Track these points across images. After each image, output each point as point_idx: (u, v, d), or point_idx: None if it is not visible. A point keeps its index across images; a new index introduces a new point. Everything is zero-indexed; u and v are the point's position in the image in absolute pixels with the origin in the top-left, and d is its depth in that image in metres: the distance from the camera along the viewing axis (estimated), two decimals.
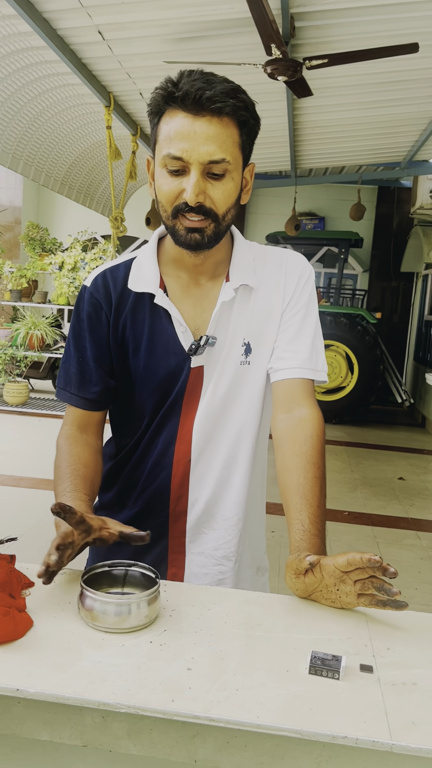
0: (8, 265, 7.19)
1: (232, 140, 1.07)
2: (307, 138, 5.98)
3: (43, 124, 5.05)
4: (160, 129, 1.08)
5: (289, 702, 0.72)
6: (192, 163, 1.05)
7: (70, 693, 0.71)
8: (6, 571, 0.88)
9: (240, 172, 1.12)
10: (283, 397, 1.22)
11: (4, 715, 0.74)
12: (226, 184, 1.08)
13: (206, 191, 1.07)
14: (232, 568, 1.29)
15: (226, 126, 1.05)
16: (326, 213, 10.23)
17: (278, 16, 3.41)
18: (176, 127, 1.04)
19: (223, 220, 1.11)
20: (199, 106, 1.03)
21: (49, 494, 4.68)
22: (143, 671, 0.76)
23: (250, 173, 1.17)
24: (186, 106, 1.03)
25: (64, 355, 1.27)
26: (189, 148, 1.04)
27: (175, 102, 1.04)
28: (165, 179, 1.09)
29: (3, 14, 3.40)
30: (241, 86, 1.09)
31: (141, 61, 4.08)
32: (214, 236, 1.12)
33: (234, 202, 1.12)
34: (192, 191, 1.05)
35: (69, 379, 1.24)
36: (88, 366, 1.22)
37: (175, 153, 1.05)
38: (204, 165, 1.05)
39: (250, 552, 1.34)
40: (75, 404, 1.24)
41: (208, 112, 1.03)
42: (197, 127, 1.03)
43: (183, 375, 1.20)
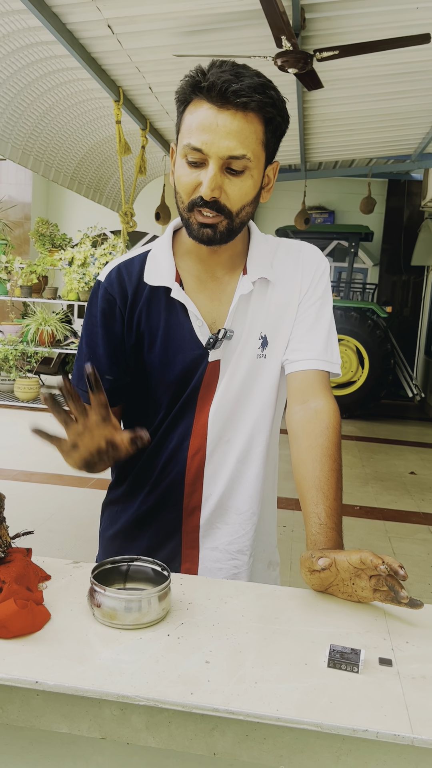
0: (18, 261, 7.21)
1: (256, 136, 1.05)
2: (317, 131, 5.95)
3: (53, 120, 5.04)
4: (184, 118, 1.07)
5: (309, 695, 0.71)
6: (211, 157, 1.03)
7: (88, 685, 0.71)
8: (23, 564, 0.89)
9: (261, 170, 1.10)
10: (298, 388, 1.21)
11: (23, 707, 0.74)
12: (245, 181, 1.07)
13: (223, 186, 1.06)
14: (247, 563, 1.29)
15: (251, 122, 1.03)
16: (336, 207, 10.19)
17: (288, 8, 3.39)
18: (199, 118, 1.03)
19: (236, 217, 1.10)
20: (224, 98, 1.01)
21: (60, 489, 4.69)
22: (161, 664, 0.76)
23: (274, 171, 1.15)
24: (211, 97, 1.01)
25: (78, 351, 1.26)
26: (210, 140, 1.02)
27: (201, 92, 1.02)
28: (184, 170, 1.07)
29: (12, 9, 3.40)
30: (271, 81, 1.06)
31: (150, 54, 4.06)
32: (226, 233, 1.10)
33: (251, 200, 1.10)
34: (208, 185, 1.04)
35: (81, 376, 1.23)
36: (100, 363, 1.21)
37: (195, 144, 1.03)
38: (223, 159, 1.03)
39: (263, 546, 1.34)
40: (85, 400, 1.23)
41: (232, 105, 1.01)
42: (220, 120, 1.02)
43: (200, 369, 1.19)
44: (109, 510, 1.34)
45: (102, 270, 1.25)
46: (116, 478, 1.33)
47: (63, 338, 7.36)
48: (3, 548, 0.89)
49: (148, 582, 0.92)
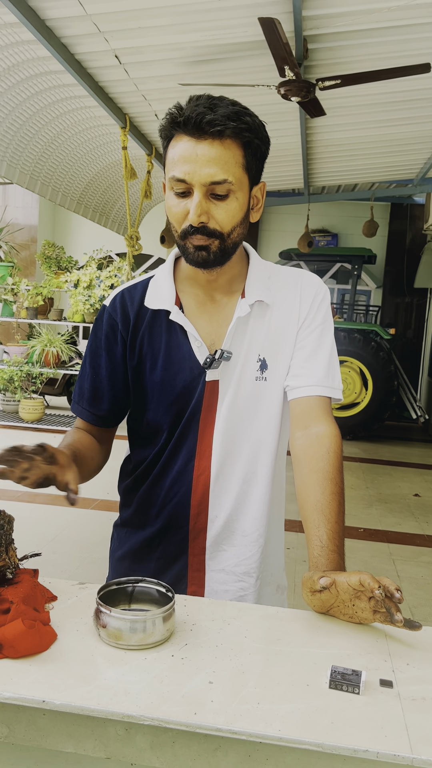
0: (25, 283, 7.28)
1: (235, 161, 1.09)
2: (320, 156, 6.04)
3: (61, 145, 5.14)
4: (168, 152, 1.13)
5: (310, 716, 0.73)
6: (194, 185, 1.08)
7: (94, 705, 0.73)
8: (30, 585, 0.90)
9: (245, 192, 1.14)
10: (300, 414, 1.23)
11: (30, 727, 0.76)
12: (230, 204, 1.11)
13: (210, 212, 1.10)
14: (254, 585, 1.29)
15: (228, 147, 1.08)
16: (339, 230, 10.28)
17: (291, 38, 3.47)
18: (180, 151, 1.09)
19: (228, 238, 1.14)
20: (200, 129, 1.06)
21: (64, 510, 4.69)
22: (165, 684, 0.77)
23: (261, 192, 1.19)
24: (188, 130, 1.07)
25: (80, 370, 1.32)
26: (191, 170, 1.07)
27: (179, 127, 1.08)
28: (173, 201, 1.13)
29: (23, 39, 3.49)
30: (247, 108, 1.12)
31: (156, 83, 4.16)
32: (220, 253, 1.14)
33: (240, 220, 1.15)
34: (194, 212, 1.09)
35: (82, 394, 1.30)
36: (101, 384, 1.27)
37: (178, 175, 1.09)
38: (206, 186, 1.08)
39: (270, 569, 1.35)
40: (85, 419, 1.29)
41: (209, 135, 1.07)
42: (199, 150, 1.07)
43: (198, 389, 1.22)
44: (118, 532, 1.36)
45: (108, 295, 1.29)
46: (124, 500, 1.35)
47: (68, 359, 7.41)
48: (11, 569, 0.91)
49: (152, 603, 0.93)
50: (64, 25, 3.32)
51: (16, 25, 3.30)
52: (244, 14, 3.21)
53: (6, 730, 0.77)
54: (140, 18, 3.26)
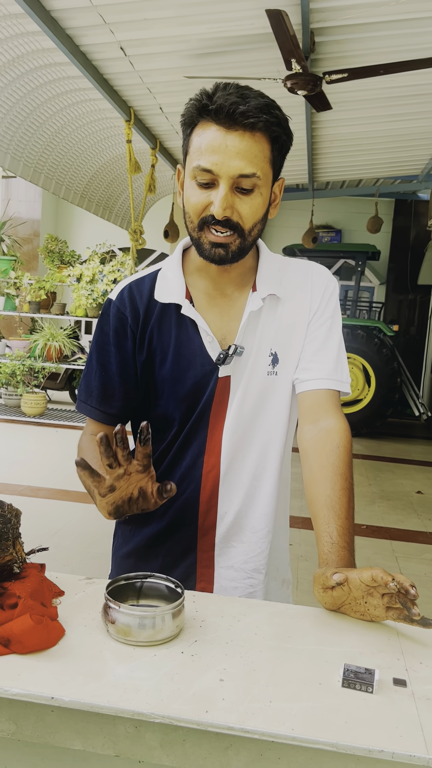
0: (27, 277, 7.27)
1: (263, 155, 1.07)
2: (325, 151, 6.01)
3: (65, 139, 5.12)
4: (192, 140, 1.09)
5: (324, 715, 0.71)
6: (222, 177, 1.05)
7: (104, 702, 0.71)
8: (38, 579, 0.89)
9: (269, 188, 1.12)
10: (309, 408, 1.21)
11: (38, 723, 0.75)
12: (255, 199, 1.09)
13: (234, 205, 1.07)
14: (263, 581, 1.28)
15: (258, 141, 1.06)
16: (343, 226, 10.25)
17: (298, 31, 3.44)
18: (208, 140, 1.05)
19: (249, 236, 1.11)
20: (232, 120, 1.03)
21: (67, 504, 4.68)
22: (176, 682, 0.76)
23: (280, 188, 1.17)
24: (219, 119, 1.04)
25: (85, 368, 1.27)
26: (219, 161, 1.04)
27: (208, 114, 1.05)
28: (194, 191, 1.09)
29: (27, 30, 3.46)
30: (275, 102, 1.09)
31: (161, 76, 4.13)
32: (238, 251, 1.12)
33: (261, 217, 1.12)
34: (220, 205, 1.05)
35: (90, 393, 1.24)
36: (111, 381, 1.22)
37: (205, 165, 1.05)
38: (233, 179, 1.05)
39: (276, 564, 1.33)
40: (96, 418, 1.24)
41: (240, 126, 1.03)
42: (229, 141, 1.04)
43: (210, 385, 1.20)
44: (122, 529, 1.34)
45: (113, 289, 1.26)
46: None
47: (70, 354, 7.40)
48: (18, 564, 0.90)
49: (161, 599, 0.92)
50: (70, 16, 3.29)
51: (21, 16, 3.27)
52: (251, 6, 3.19)
53: (13, 727, 0.75)
54: (146, 9, 3.23)
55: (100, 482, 0.96)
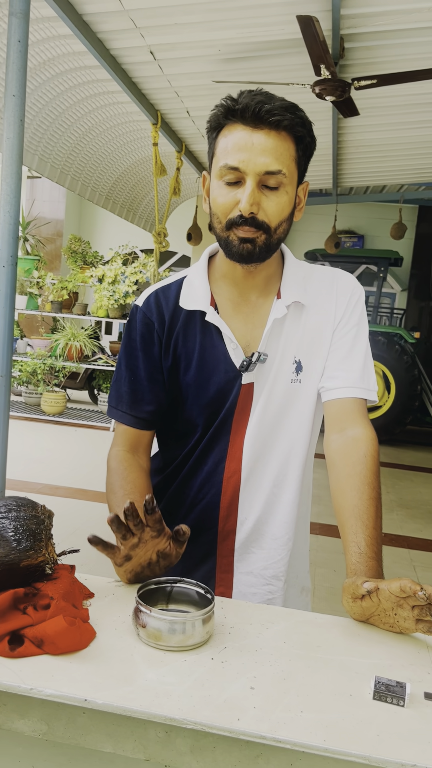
0: (50, 276, 7.33)
1: (289, 154, 1.09)
2: (351, 157, 5.99)
3: (92, 141, 5.16)
4: (218, 142, 1.11)
5: (355, 727, 0.71)
6: (248, 174, 1.07)
7: (137, 706, 0.72)
8: (69, 581, 0.90)
9: (294, 187, 1.13)
10: (335, 416, 1.21)
11: (69, 725, 0.75)
12: (280, 197, 1.10)
13: (260, 203, 1.09)
14: (282, 588, 1.28)
15: (284, 140, 1.08)
16: (365, 231, 10.21)
17: (328, 37, 3.44)
18: (234, 139, 1.07)
19: (275, 233, 1.12)
20: (258, 118, 1.05)
21: (84, 504, 4.69)
22: (207, 688, 0.76)
23: (304, 191, 1.18)
24: (245, 119, 1.06)
25: (115, 375, 1.28)
26: (246, 158, 1.06)
27: (234, 116, 1.08)
28: (221, 191, 1.11)
29: (59, 34, 3.50)
30: (298, 106, 1.11)
31: (189, 80, 4.15)
32: (265, 248, 1.13)
33: (287, 216, 1.13)
34: (246, 200, 1.07)
35: (121, 398, 1.25)
36: (141, 385, 1.23)
37: (231, 163, 1.07)
38: (260, 176, 1.07)
39: (296, 572, 1.34)
40: (127, 423, 1.25)
41: (266, 125, 1.06)
42: (255, 139, 1.06)
43: (233, 392, 1.20)
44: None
45: (139, 296, 1.28)
46: None
47: (91, 354, 7.44)
48: (50, 565, 0.91)
49: (190, 604, 0.93)
50: (101, 20, 3.32)
51: (53, 20, 3.31)
52: (281, 12, 3.19)
53: (45, 727, 0.76)
54: (177, 14, 3.25)
55: (114, 553, 0.95)
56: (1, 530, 0.85)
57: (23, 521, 0.87)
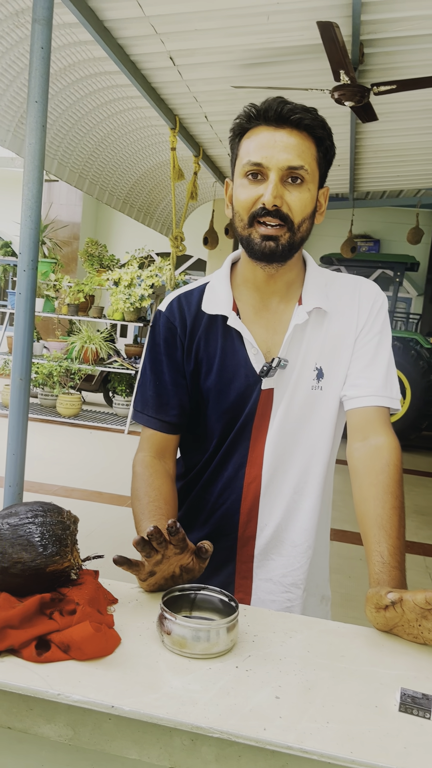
0: (67, 279, 7.38)
1: (310, 152, 1.12)
2: (368, 161, 5.98)
3: (110, 145, 5.19)
4: (242, 145, 1.14)
5: (382, 739, 0.71)
6: (271, 169, 1.10)
7: (163, 714, 0.72)
8: (94, 586, 0.90)
9: (316, 186, 1.15)
10: (358, 424, 1.21)
11: (95, 730, 0.76)
12: (303, 193, 1.12)
13: (284, 197, 1.11)
14: (301, 596, 1.28)
15: (305, 139, 1.11)
16: (381, 236, 10.17)
17: (348, 42, 3.44)
18: (257, 139, 1.11)
19: (298, 230, 1.13)
20: (281, 117, 1.09)
21: (100, 506, 4.70)
22: (232, 696, 0.76)
23: (324, 196, 1.20)
24: (268, 119, 1.10)
25: (140, 379, 1.29)
26: (269, 154, 1.09)
27: (257, 119, 1.12)
28: (244, 188, 1.13)
29: (80, 40, 3.53)
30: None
31: (208, 85, 4.16)
32: (288, 246, 1.13)
33: (309, 213, 1.15)
34: (270, 192, 1.09)
35: (146, 402, 1.26)
36: (165, 389, 1.24)
37: (255, 159, 1.10)
38: (283, 171, 1.10)
39: (316, 580, 1.33)
40: (153, 427, 1.26)
41: (288, 124, 1.10)
42: (278, 137, 1.10)
43: (253, 397, 1.21)
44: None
45: (163, 301, 1.29)
46: None
47: (106, 356, 7.47)
48: (75, 570, 0.91)
49: (214, 611, 0.93)
50: (122, 26, 3.34)
51: (74, 26, 3.34)
52: (301, 18, 3.19)
53: (71, 733, 0.77)
54: (197, 20, 3.26)
55: (139, 570, 0.95)
56: (28, 535, 0.86)
57: (49, 526, 0.88)
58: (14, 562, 0.85)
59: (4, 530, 0.86)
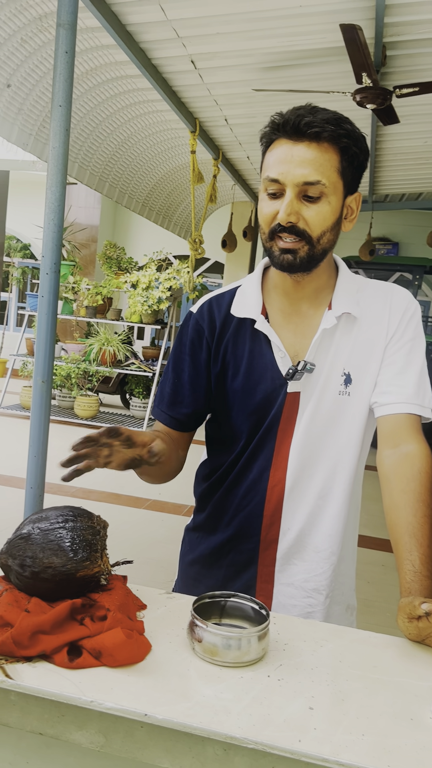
0: (85, 282, 7.41)
1: (331, 164, 1.10)
2: (388, 164, 5.94)
3: (130, 148, 5.21)
4: (266, 157, 1.15)
5: (419, 753, 0.70)
6: (287, 185, 1.10)
7: (196, 723, 0.71)
8: (124, 592, 0.90)
9: (339, 198, 1.14)
10: (388, 432, 1.20)
11: (127, 738, 0.75)
12: (321, 207, 1.11)
13: (300, 212, 1.11)
14: (323, 603, 1.27)
15: (326, 151, 1.10)
16: (400, 238, 10.09)
17: (371, 45, 3.42)
18: (277, 153, 1.11)
19: (318, 244, 1.13)
20: (299, 131, 1.09)
21: (117, 508, 4.71)
22: (265, 707, 0.76)
23: (357, 202, 1.19)
24: (287, 132, 1.10)
25: (163, 376, 1.33)
26: (285, 170, 1.09)
27: (279, 131, 1.11)
28: (265, 202, 1.14)
29: (102, 44, 3.54)
30: (349, 119, 1.13)
31: (228, 88, 4.16)
32: (307, 258, 1.14)
33: (330, 226, 1.14)
34: (284, 211, 1.10)
35: (162, 398, 1.30)
36: (182, 388, 1.27)
37: (272, 176, 1.11)
38: (299, 187, 1.09)
39: (341, 588, 1.32)
40: (163, 421, 1.29)
41: (306, 137, 1.09)
42: (295, 152, 1.09)
43: (279, 399, 1.21)
44: (190, 536, 1.37)
45: (196, 303, 1.31)
46: (198, 504, 1.35)
47: (124, 359, 7.50)
48: (105, 576, 0.91)
49: (244, 619, 0.92)
50: (144, 30, 3.35)
51: (97, 30, 3.35)
52: (323, 20, 3.18)
53: (102, 740, 0.76)
54: (219, 23, 3.26)
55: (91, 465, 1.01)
56: (58, 540, 0.86)
57: (80, 531, 0.88)
58: (45, 566, 0.85)
59: (35, 535, 0.86)
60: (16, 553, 0.87)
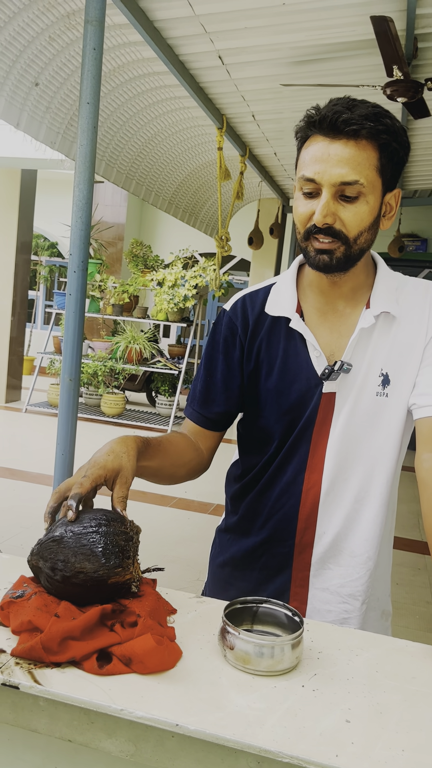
0: (112, 280, 7.44)
1: (369, 163, 1.06)
2: (418, 159, 5.85)
3: (157, 146, 5.20)
4: (301, 154, 1.11)
5: None
6: (324, 185, 1.06)
7: (230, 734, 0.69)
8: (154, 598, 0.88)
9: (377, 196, 1.10)
10: (427, 435, 1.16)
11: (158, 747, 0.73)
12: (359, 207, 1.07)
13: (337, 213, 1.07)
14: (359, 608, 1.24)
15: (363, 149, 1.05)
16: (429, 235, 9.95)
17: (402, 37, 3.36)
18: (313, 151, 1.07)
19: (354, 244, 1.09)
20: (335, 129, 1.04)
21: (144, 506, 4.71)
22: (300, 719, 0.73)
23: (396, 199, 1.14)
24: (323, 129, 1.05)
25: (196, 374, 1.31)
26: (322, 170, 1.05)
27: (315, 127, 1.07)
28: (300, 202, 1.10)
29: (130, 41, 3.54)
30: (389, 112, 1.08)
31: (256, 84, 4.13)
32: (344, 259, 1.10)
33: (368, 225, 1.10)
34: (320, 212, 1.06)
35: (194, 396, 1.29)
36: (215, 387, 1.25)
37: (308, 175, 1.07)
38: (336, 187, 1.05)
39: (377, 594, 1.29)
40: (194, 420, 1.28)
41: (344, 135, 1.04)
42: (332, 150, 1.05)
43: (314, 400, 1.18)
44: (221, 537, 1.34)
45: (229, 300, 1.29)
46: (231, 506, 1.32)
47: (150, 357, 7.51)
48: (136, 582, 0.89)
49: (276, 626, 0.90)
50: (172, 26, 3.34)
51: (125, 27, 3.34)
52: (353, 13, 3.13)
53: (132, 749, 0.74)
54: (247, 18, 3.23)
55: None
56: (91, 545, 0.84)
57: (112, 537, 0.86)
58: (77, 571, 0.83)
59: (68, 538, 0.85)
60: (48, 556, 0.85)
